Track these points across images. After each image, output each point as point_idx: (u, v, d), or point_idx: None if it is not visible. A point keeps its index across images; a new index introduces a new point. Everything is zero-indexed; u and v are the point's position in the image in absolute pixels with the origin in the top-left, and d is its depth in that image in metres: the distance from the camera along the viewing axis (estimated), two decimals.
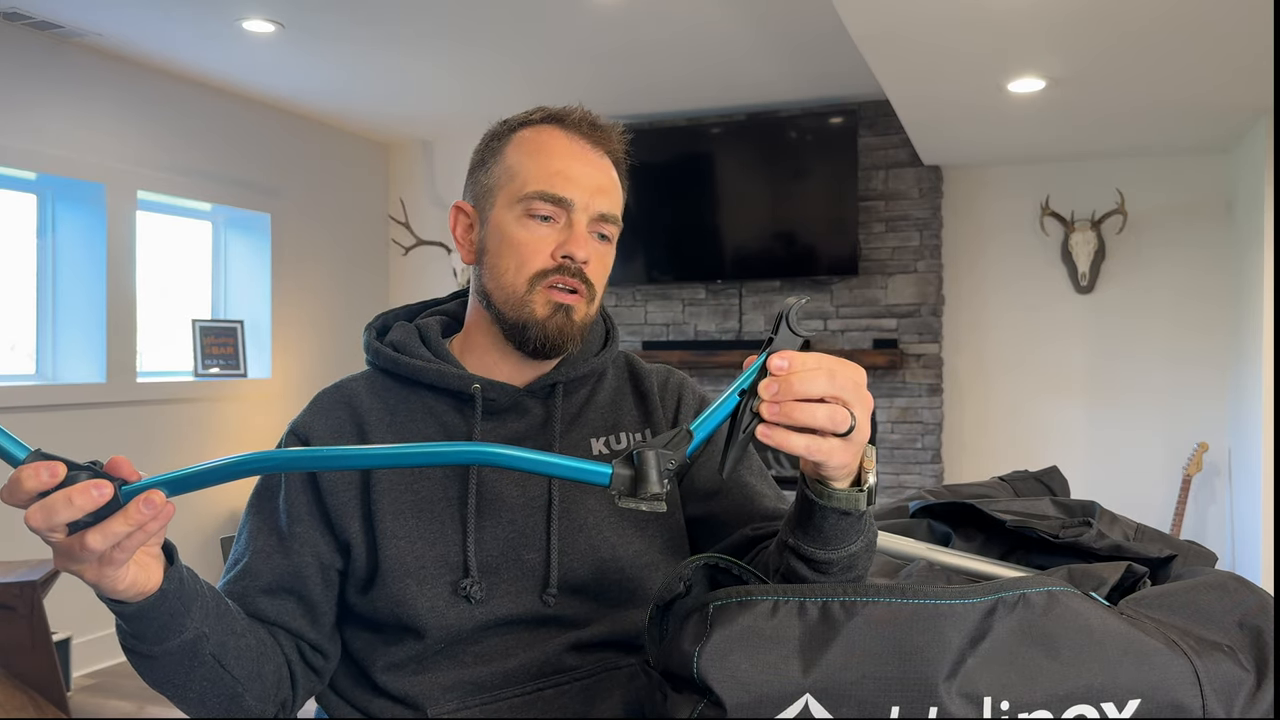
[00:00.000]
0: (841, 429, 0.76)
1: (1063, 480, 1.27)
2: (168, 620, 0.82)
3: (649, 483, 0.74)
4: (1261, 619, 0.80)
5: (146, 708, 3.35)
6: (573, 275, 1.00)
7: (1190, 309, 4.27)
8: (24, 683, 2.77)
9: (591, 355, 1.10)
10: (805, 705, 0.70)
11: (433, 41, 3.61)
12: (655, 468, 0.75)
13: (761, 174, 4.53)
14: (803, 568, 0.86)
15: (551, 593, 0.99)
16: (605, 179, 1.04)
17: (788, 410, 0.74)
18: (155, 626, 0.82)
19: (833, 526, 0.83)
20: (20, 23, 3.42)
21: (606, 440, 1.07)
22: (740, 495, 1.08)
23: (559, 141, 1.03)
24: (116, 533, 0.72)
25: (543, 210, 1.00)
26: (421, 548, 0.98)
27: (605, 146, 1.05)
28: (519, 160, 1.03)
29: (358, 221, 5.10)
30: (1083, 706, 0.71)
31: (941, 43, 2.86)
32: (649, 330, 4.82)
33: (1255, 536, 3.72)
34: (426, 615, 0.96)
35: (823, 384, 0.75)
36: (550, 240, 1.01)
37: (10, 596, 2.75)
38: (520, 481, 1.02)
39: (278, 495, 1.01)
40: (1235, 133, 3.90)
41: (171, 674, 0.87)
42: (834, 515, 0.82)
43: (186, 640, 0.84)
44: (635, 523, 1.04)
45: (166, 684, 0.88)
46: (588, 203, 1.01)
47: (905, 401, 4.43)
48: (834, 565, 0.85)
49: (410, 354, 1.05)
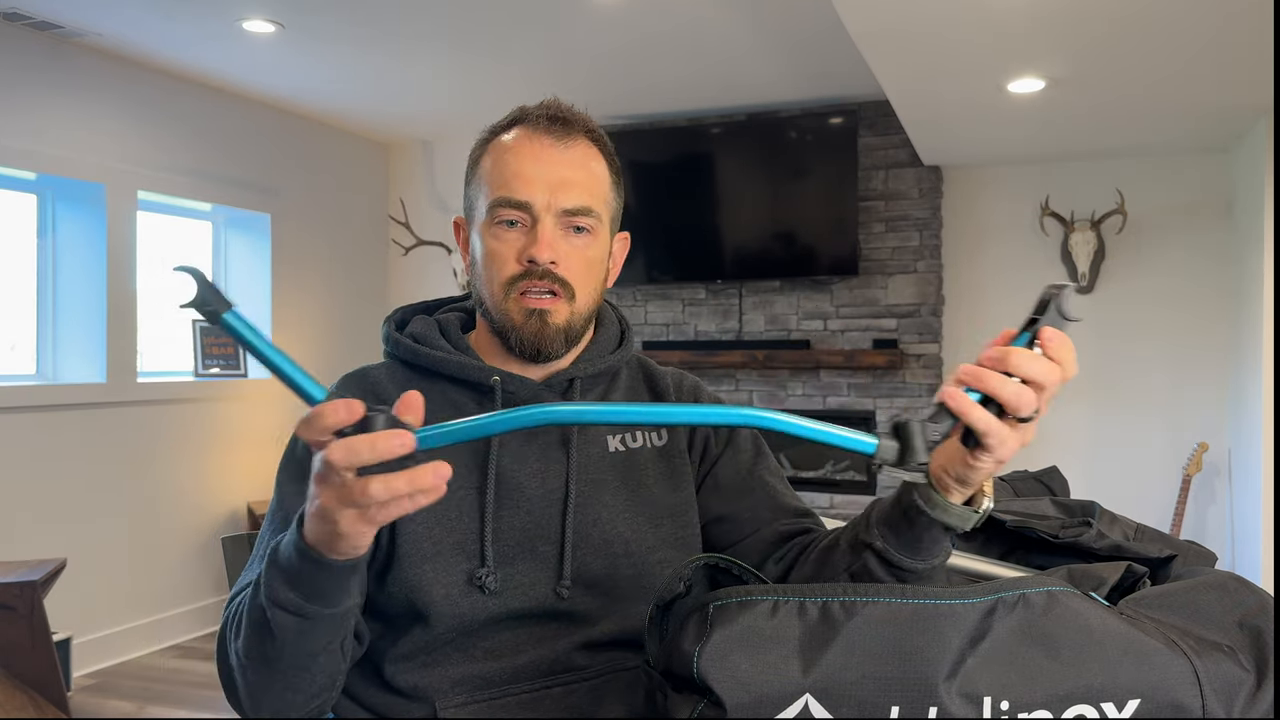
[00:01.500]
0: (1024, 412, 0.76)
1: (1062, 480, 1.27)
2: (350, 585, 0.81)
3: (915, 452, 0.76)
4: (1261, 619, 0.80)
5: (146, 708, 3.35)
6: (541, 278, 1.00)
7: (1190, 309, 4.27)
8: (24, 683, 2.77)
9: (608, 353, 1.11)
10: (805, 705, 0.70)
11: (432, 41, 3.61)
12: (921, 437, 0.76)
13: (761, 174, 4.53)
14: (881, 570, 0.87)
15: (565, 585, 0.99)
16: (572, 171, 1.02)
17: (977, 373, 0.75)
18: (340, 588, 0.80)
19: (932, 538, 0.84)
20: (20, 23, 3.42)
21: (623, 438, 1.08)
22: (763, 494, 1.09)
23: (520, 143, 1.03)
24: (396, 490, 0.70)
25: (507, 215, 1.01)
26: (439, 534, 0.98)
27: (572, 136, 1.04)
28: (488, 169, 1.04)
29: (358, 221, 5.10)
30: (1083, 706, 0.71)
31: (941, 42, 2.86)
32: (649, 330, 4.82)
33: (1255, 536, 3.72)
34: (441, 603, 0.96)
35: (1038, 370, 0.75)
36: (516, 245, 1.01)
37: (10, 596, 2.75)
38: (539, 473, 1.02)
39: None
40: (1235, 133, 3.90)
41: (313, 644, 0.84)
42: (938, 528, 0.83)
43: (350, 607, 0.83)
44: (650, 519, 1.05)
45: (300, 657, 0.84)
46: (549, 201, 1.00)
47: (905, 401, 4.43)
48: (917, 575, 0.86)
49: (431, 345, 1.06)
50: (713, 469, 1.11)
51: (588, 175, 1.04)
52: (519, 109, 1.06)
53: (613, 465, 1.06)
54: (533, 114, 1.04)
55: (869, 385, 4.47)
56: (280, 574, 0.80)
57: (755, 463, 1.12)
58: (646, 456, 1.08)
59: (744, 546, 1.07)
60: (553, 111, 1.04)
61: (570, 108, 1.05)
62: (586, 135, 1.05)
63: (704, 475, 1.11)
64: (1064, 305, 0.77)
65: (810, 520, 1.09)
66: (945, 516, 0.82)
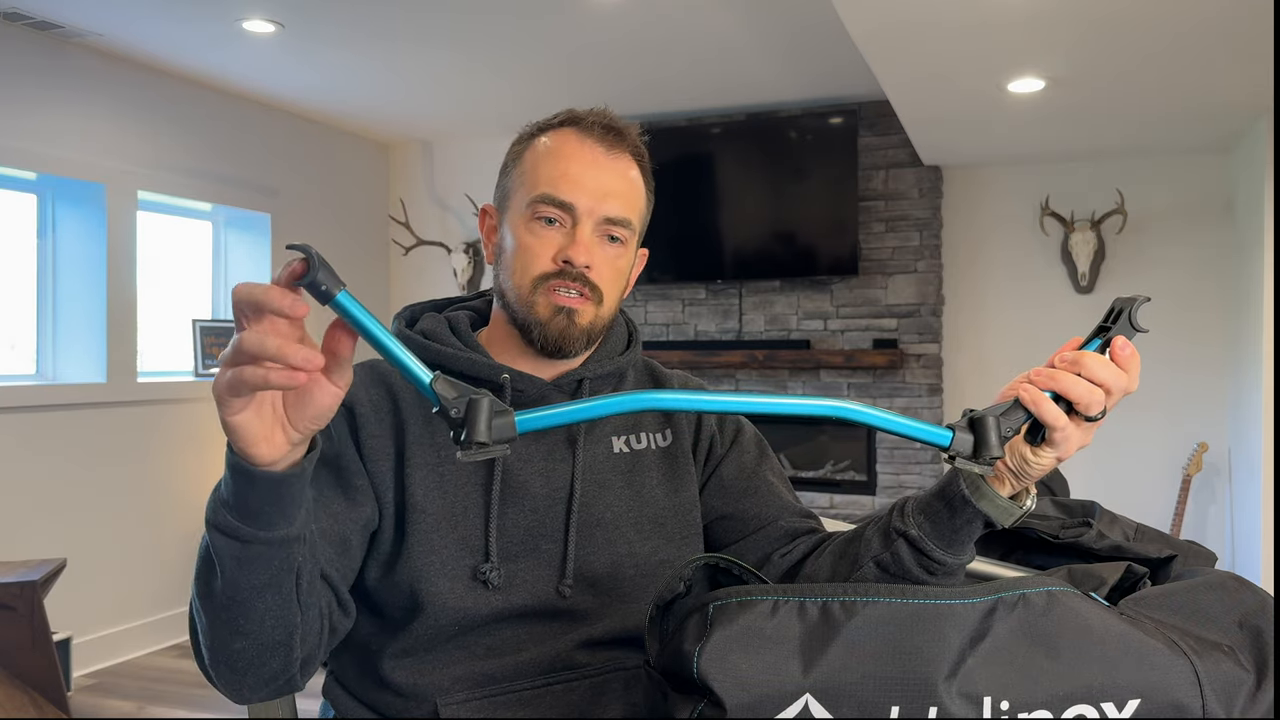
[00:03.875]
0: (1093, 411, 0.80)
1: (1062, 480, 1.27)
2: (285, 505, 0.76)
3: (990, 446, 0.78)
4: (1261, 619, 0.80)
5: (146, 708, 3.36)
6: (574, 279, 1.01)
7: (1190, 309, 4.27)
8: (24, 683, 2.77)
9: (616, 355, 1.12)
10: (805, 705, 0.70)
11: (432, 42, 3.61)
12: (995, 431, 0.79)
13: (761, 174, 4.53)
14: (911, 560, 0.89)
15: (567, 584, 1.00)
16: (617, 182, 1.04)
17: (1051, 373, 0.80)
18: (270, 509, 0.75)
19: (970, 531, 0.85)
20: (20, 23, 3.42)
21: (627, 439, 1.09)
22: (767, 493, 1.11)
23: (570, 145, 1.04)
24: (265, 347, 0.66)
25: (548, 213, 1.02)
26: (445, 529, 0.99)
27: (621, 148, 1.05)
28: (533, 164, 1.04)
29: (358, 221, 5.10)
30: (1083, 706, 0.71)
31: (941, 42, 2.86)
32: (649, 330, 4.82)
33: (1255, 536, 3.73)
34: (446, 596, 0.97)
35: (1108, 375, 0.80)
36: (554, 244, 1.02)
37: (10, 596, 2.75)
38: (544, 473, 1.03)
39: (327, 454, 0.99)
40: (1235, 133, 3.90)
41: (253, 576, 0.78)
42: (979, 521, 0.84)
43: (291, 534, 0.77)
44: (653, 519, 1.06)
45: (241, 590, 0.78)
46: (593, 207, 1.02)
47: (905, 401, 4.43)
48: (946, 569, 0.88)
49: (441, 342, 1.06)
50: (717, 469, 1.12)
51: (630, 188, 1.05)
52: (569, 111, 1.07)
53: (617, 466, 1.07)
54: (586, 119, 1.05)
55: (869, 385, 4.47)
56: (218, 496, 0.76)
57: (759, 463, 1.14)
58: (651, 458, 1.09)
59: (747, 543, 1.08)
60: (606, 120, 1.05)
61: (622, 120, 1.07)
62: (632, 150, 1.07)
63: (708, 475, 1.12)
64: (1135, 316, 0.80)
65: (814, 521, 1.10)
66: (991, 509, 0.84)
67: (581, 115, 1.06)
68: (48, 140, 3.57)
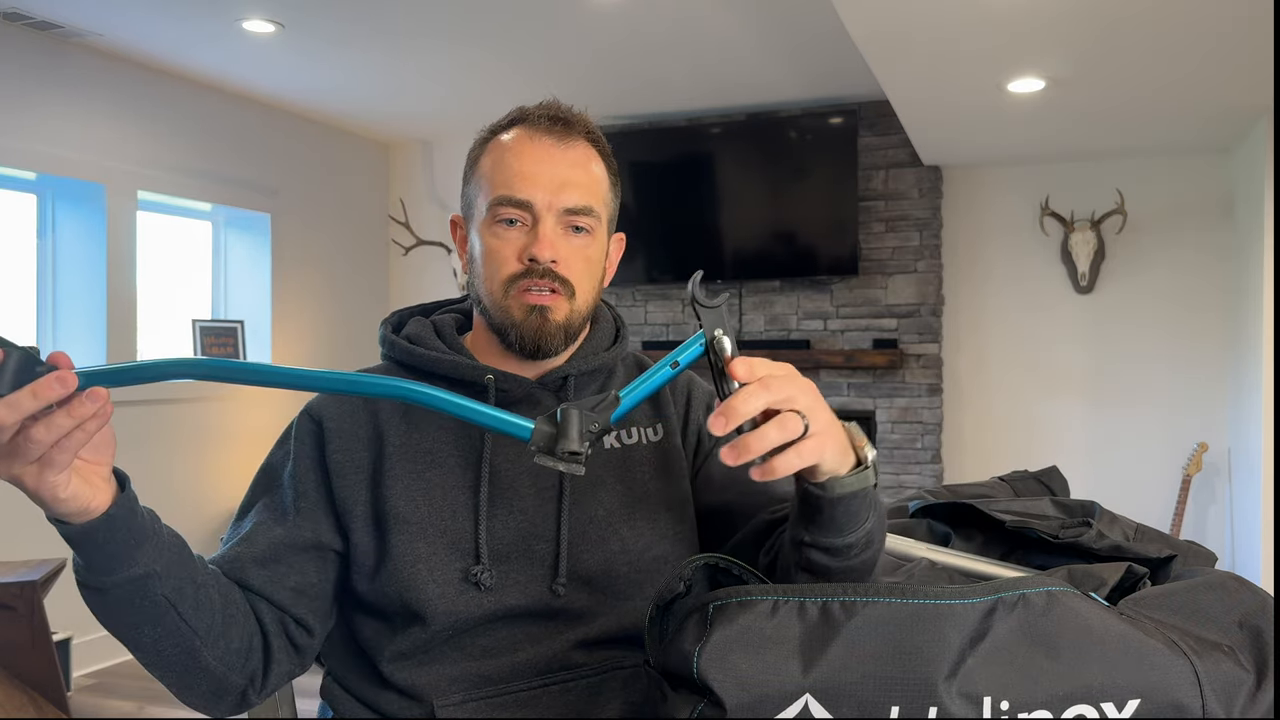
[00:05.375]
0: (795, 434, 0.77)
1: (1062, 480, 1.27)
2: (118, 550, 0.81)
3: (569, 440, 0.75)
4: (1261, 619, 0.80)
5: (146, 708, 3.36)
6: (542, 276, 1.01)
7: (1190, 309, 4.27)
8: (24, 683, 2.77)
9: (602, 350, 1.11)
10: (805, 705, 0.70)
11: (432, 41, 3.61)
12: (577, 427, 0.75)
13: (761, 174, 4.53)
14: (823, 558, 0.87)
15: (561, 582, 1.00)
16: (572, 171, 1.03)
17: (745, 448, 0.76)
18: (104, 555, 0.81)
19: (844, 511, 0.84)
20: (20, 23, 3.42)
21: (618, 435, 1.08)
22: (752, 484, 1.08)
23: (520, 142, 1.03)
24: (60, 427, 0.71)
25: (508, 214, 1.02)
26: (433, 534, 0.99)
27: (573, 136, 1.04)
28: (489, 168, 1.04)
29: (358, 221, 5.10)
30: (1083, 706, 0.71)
31: (941, 43, 2.86)
32: (649, 330, 4.82)
33: (1255, 536, 3.73)
34: (436, 601, 0.97)
35: (760, 399, 0.77)
36: (517, 243, 1.02)
37: (10, 596, 2.75)
38: (533, 471, 1.03)
39: (283, 471, 1.03)
40: (1235, 133, 3.90)
41: (122, 612, 0.85)
42: (846, 501, 0.83)
43: (136, 575, 0.83)
44: (647, 516, 1.05)
45: (119, 624, 0.86)
46: (550, 200, 1.01)
47: (905, 401, 4.43)
48: (854, 547, 0.86)
49: (426, 346, 1.07)
50: (705, 463, 1.11)
51: (588, 176, 1.04)
52: (518, 109, 1.06)
53: (608, 463, 1.06)
54: (533, 114, 1.04)
55: (869, 385, 4.47)
56: (65, 540, 0.82)
57: None
58: (643, 452, 1.08)
59: (739, 542, 1.07)
60: (553, 112, 1.05)
61: (570, 109, 1.06)
62: (586, 136, 1.06)
63: (696, 469, 1.11)
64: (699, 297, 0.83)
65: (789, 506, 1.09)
66: (843, 490, 0.82)
67: (529, 111, 1.05)
68: (48, 140, 3.57)
